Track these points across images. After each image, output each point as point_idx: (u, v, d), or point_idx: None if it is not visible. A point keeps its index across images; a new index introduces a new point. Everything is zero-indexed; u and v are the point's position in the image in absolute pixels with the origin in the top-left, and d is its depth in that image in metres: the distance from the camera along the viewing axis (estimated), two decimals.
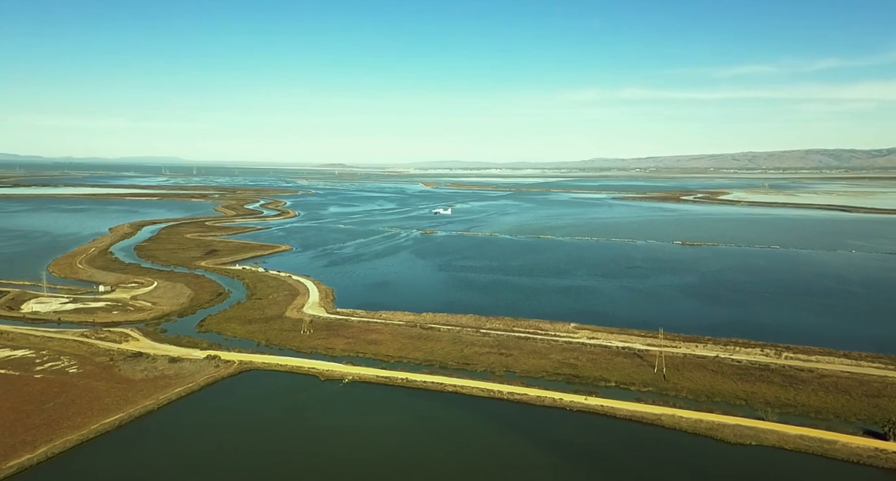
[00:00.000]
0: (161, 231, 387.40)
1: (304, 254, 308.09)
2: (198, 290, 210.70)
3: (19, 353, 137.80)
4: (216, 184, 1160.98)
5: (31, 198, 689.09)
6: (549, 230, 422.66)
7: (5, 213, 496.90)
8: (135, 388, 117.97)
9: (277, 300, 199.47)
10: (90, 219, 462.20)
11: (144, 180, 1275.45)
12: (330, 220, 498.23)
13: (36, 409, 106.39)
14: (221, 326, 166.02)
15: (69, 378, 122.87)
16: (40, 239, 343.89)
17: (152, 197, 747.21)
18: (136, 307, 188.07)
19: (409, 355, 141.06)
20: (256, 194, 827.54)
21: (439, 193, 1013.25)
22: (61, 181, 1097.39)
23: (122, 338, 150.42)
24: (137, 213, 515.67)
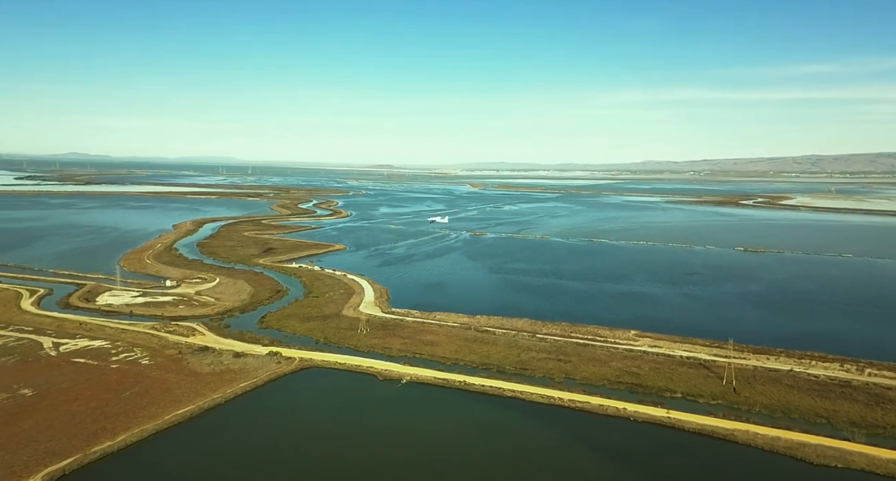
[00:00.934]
0: (221, 228, 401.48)
1: (358, 254, 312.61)
2: (257, 287, 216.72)
3: (96, 344, 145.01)
4: (270, 183, 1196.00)
5: (102, 195, 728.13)
6: (601, 233, 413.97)
7: (80, 209, 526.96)
8: (203, 381, 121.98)
9: (334, 298, 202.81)
10: (155, 216, 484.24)
11: (203, 179, 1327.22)
12: (381, 220, 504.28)
13: (114, 398, 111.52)
14: (281, 323, 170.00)
15: (142, 369, 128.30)
16: (111, 234, 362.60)
17: (211, 195, 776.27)
18: (200, 302, 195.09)
19: (466, 358, 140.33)
20: (309, 194, 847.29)
21: (487, 195, 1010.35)
22: (128, 179, 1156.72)
23: (189, 332, 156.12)
24: (198, 211, 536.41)
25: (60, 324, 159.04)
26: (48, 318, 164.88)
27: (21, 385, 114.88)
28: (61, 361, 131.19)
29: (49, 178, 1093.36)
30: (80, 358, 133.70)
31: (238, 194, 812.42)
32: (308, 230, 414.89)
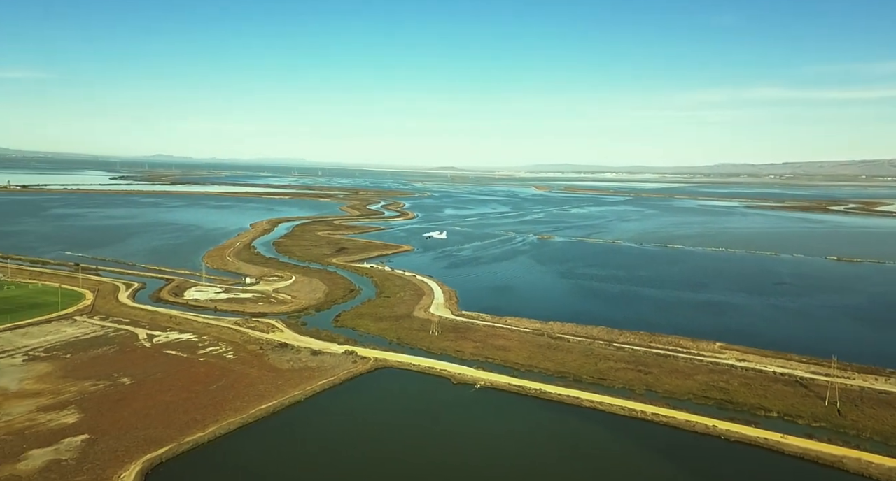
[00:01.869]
0: (295, 228, 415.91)
1: (426, 255, 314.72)
2: (331, 286, 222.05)
3: (185, 337, 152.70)
4: (340, 185, 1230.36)
5: (185, 194, 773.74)
6: (677, 239, 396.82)
7: (167, 208, 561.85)
8: (283, 377, 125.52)
9: (405, 299, 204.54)
10: (234, 215, 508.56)
11: (276, 180, 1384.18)
12: (447, 222, 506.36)
13: (203, 390, 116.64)
14: (355, 322, 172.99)
15: (227, 363, 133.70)
16: (195, 232, 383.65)
17: (285, 196, 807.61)
18: (278, 299, 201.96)
19: (540, 365, 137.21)
20: (377, 195, 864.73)
21: (553, 197, 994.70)
22: (208, 180, 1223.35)
23: (269, 329, 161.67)
24: (273, 211, 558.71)
25: (153, 317, 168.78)
26: (142, 311, 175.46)
27: (121, 373, 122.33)
28: (154, 352, 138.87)
29: (139, 179, 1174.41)
30: (171, 350, 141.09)
31: (310, 195, 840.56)
32: (377, 231, 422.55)
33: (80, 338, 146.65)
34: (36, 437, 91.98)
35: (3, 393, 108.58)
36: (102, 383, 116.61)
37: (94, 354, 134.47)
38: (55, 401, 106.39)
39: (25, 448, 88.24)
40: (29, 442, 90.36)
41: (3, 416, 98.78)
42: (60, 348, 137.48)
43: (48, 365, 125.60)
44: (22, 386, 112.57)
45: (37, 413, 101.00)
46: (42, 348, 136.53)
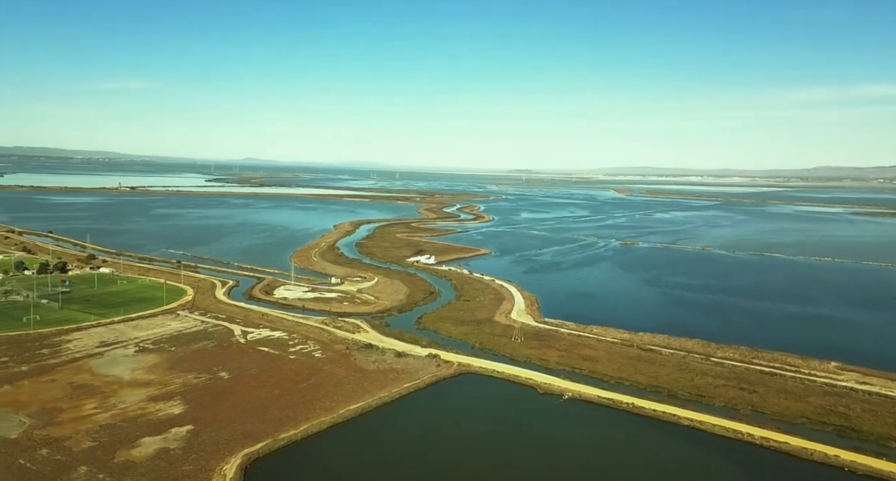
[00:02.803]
0: (375, 230, 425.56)
1: (503, 259, 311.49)
2: (412, 288, 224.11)
3: (276, 334, 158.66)
4: (416, 187, 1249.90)
5: (273, 196, 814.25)
6: (774, 247, 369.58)
7: (256, 209, 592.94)
8: (369, 378, 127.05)
9: (484, 303, 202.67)
10: (318, 217, 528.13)
11: (356, 183, 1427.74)
12: (523, 226, 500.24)
13: (294, 388, 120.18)
14: (437, 325, 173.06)
15: (315, 362, 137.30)
16: (282, 232, 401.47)
17: (364, 198, 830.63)
18: (361, 300, 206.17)
19: (630, 377, 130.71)
20: (452, 198, 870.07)
21: (634, 201, 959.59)
22: (293, 182, 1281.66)
23: (354, 329, 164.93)
24: (354, 213, 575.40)
25: (247, 314, 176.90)
26: (237, 308, 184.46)
27: (219, 368, 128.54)
28: (249, 348, 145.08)
29: (230, 181, 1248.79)
30: (263, 347, 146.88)
31: (388, 197, 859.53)
32: (454, 233, 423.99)
33: (183, 332, 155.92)
34: (147, 425, 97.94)
35: (119, 382, 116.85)
36: (203, 376, 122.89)
37: (195, 348, 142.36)
38: (163, 392, 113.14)
39: (138, 435, 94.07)
40: (141, 429, 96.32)
41: (119, 403, 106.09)
42: (166, 341, 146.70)
43: (156, 356, 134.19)
44: (134, 376, 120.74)
45: (147, 402, 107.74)
46: (150, 340, 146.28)
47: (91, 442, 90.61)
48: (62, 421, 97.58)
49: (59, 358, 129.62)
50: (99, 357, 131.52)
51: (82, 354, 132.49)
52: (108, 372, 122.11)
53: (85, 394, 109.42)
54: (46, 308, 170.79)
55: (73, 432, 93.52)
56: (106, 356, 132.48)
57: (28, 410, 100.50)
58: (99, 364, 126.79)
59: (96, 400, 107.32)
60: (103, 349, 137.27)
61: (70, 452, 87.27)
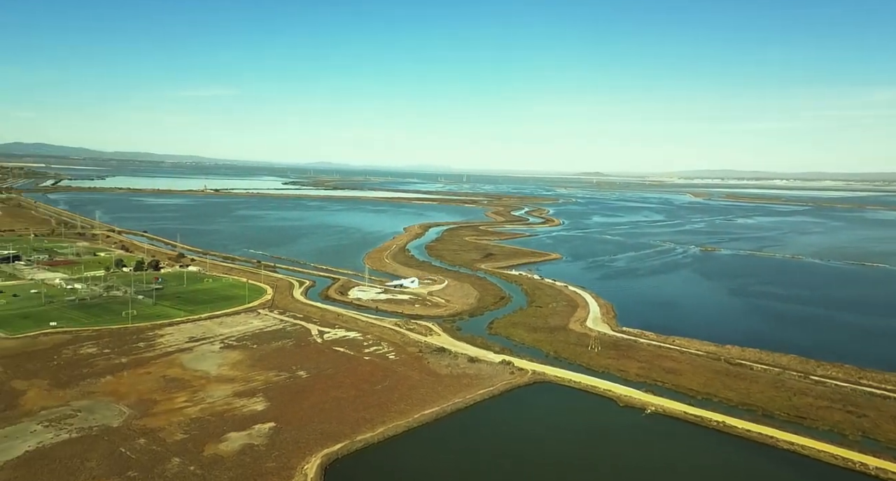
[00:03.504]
0: (444, 233, 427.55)
1: (575, 264, 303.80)
2: (482, 292, 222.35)
3: (351, 335, 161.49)
4: (483, 191, 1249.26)
5: (346, 199, 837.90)
6: (877, 256, 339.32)
7: (330, 211, 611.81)
8: (443, 383, 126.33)
9: (557, 310, 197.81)
10: (389, 219, 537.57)
11: (425, 186, 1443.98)
12: (595, 230, 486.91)
13: (369, 389, 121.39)
14: (509, 331, 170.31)
15: (390, 364, 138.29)
16: (355, 234, 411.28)
17: (433, 201, 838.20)
18: (432, 302, 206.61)
19: (719, 393, 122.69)
20: (520, 201, 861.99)
21: (713, 206, 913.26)
22: (365, 185, 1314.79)
23: (426, 332, 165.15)
24: (423, 216, 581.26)
25: (323, 314, 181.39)
26: (313, 308, 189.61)
27: (298, 367, 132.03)
28: (325, 348, 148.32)
29: (305, 184, 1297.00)
30: (339, 347, 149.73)
31: (456, 201, 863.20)
32: (523, 237, 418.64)
33: (264, 330, 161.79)
34: (233, 421, 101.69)
35: (206, 377, 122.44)
36: (283, 375, 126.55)
37: (275, 346, 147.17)
38: (246, 388, 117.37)
39: (225, 430, 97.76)
40: (227, 424, 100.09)
41: (207, 398, 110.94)
42: (248, 338, 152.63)
43: (239, 353, 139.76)
44: (220, 372, 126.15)
45: (232, 398, 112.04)
46: (234, 337, 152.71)
47: (182, 435, 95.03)
48: (157, 412, 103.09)
49: (153, 351, 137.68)
50: (188, 352, 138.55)
51: (174, 349, 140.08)
52: (196, 367, 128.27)
53: (176, 388, 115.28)
54: (142, 303, 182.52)
55: (167, 424, 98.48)
56: (195, 351, 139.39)
57: (127, 401, 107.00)
58: (189, 359, 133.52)
59: (186, 393, 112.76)
60: (192, 344, 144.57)
61: (164, 443, 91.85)
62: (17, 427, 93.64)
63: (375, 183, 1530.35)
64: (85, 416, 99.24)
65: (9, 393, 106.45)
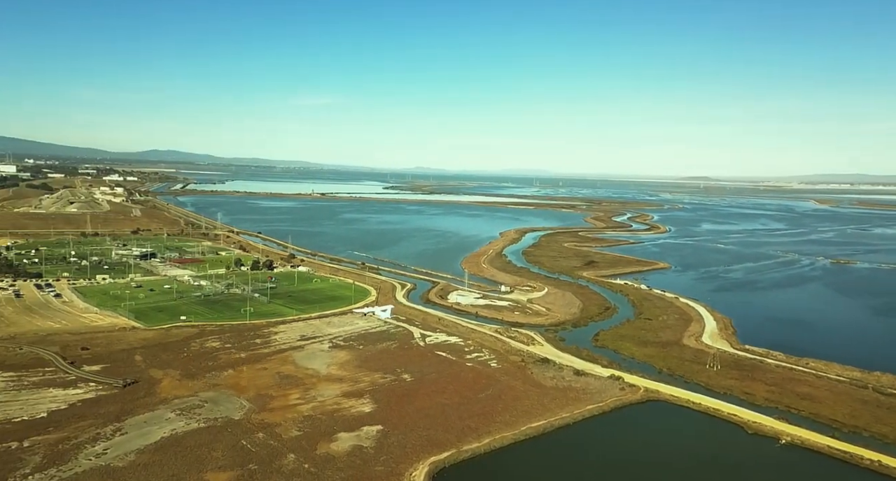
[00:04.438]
0: (541, 238, 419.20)
1: (686, 275, 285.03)
2: (585, 301, 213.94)
3: (452, 340, 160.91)
4: (581, 195, 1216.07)
5: (442, 203, 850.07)
6: None
7: (427, 215, 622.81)
8: (548, 395, 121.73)
9: (669, 323, 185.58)
10: (484, 224, 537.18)
11: (520, 190, 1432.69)
12: (705, 238, 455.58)
13: (473, 397, 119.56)
14: (616, 344, 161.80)
15: (492, 371, 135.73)
16: (452, 238, 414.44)
17: (528, 206, 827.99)
18: (533, 310, 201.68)
19: (870, 427, 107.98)
20: (621, 207, 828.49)
21: (842, 213, 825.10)
22: (460, 190, 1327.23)
23: (529, 341, 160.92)
24: (519, 221, 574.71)
25: (424, 317, 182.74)
26: (415, 311, 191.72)
27: (402, 370, 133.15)
28: (428, 352, 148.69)
29: (404, 189, 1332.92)
30: (441, 351, 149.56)
31: (552, 205, 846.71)
32: (626, 244, 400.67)
33: (369, 331, 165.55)
34: (343, 421, 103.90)
35: (317, 376, 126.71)
36: (389, 377, 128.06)
37: (380, 348, 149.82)
38: (354, 389, 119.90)
39: (335, 430, 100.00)
40: (338, 424, 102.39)
41: (318, 397, 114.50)
42: (355, 339, 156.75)
43: (347, 353, 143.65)
44: (329, 371, 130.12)
45: (341, 397, 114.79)
46: (341, 337, 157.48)
47: (297, 432, 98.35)
48: (273, 408, 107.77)
49: (269, 348, 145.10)
50: (300, 350, 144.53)
51: (287, 346, 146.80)
52: (308, 365, 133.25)
53: (290, 385, 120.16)
54: (258, 301, 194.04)
55: (283, 420, 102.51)
56: (306, 349, 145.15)
57: (247, 395, 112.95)
58: (300, 357, 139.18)
59: (299, 391, 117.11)
60: (303, 343, 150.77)
61: (280, 439, 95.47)
62: (155, 413, 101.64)
63: (470, 187, 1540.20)
64: (211, 407, 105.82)
65: (148, 381, 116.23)
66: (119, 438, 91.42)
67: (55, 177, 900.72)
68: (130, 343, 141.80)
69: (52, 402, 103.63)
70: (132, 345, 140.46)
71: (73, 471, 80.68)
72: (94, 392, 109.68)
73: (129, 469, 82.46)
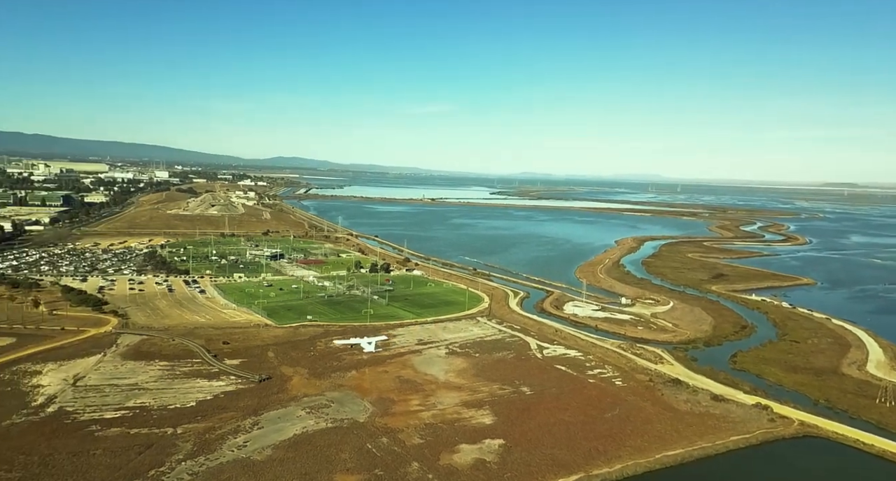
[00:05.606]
0: (662, 248, 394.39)
1: (836, 293, 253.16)
2: (717, 318, 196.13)
3: (571, 353, 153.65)
4: (702, 202, 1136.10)
5: (551, 209, 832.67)
6: None
7: (537, 221, 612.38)
8: (683, 421, 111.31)
9: (821, 348, 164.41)
10: (597, 231, 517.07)
11: (634, 196, 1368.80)
12: (856, 252, 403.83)
13: (598, 416, 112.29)
14: (759, 368, 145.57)
15: (617, 390, 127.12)
16: (564, 246, 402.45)
17: (644, 213, 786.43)
18: (658, 326, 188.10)
19: None
20: (749, 215, 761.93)
21: None
22: (569, 195, 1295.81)
23: (656, 359, 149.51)
24: (635, 228, 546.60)
25: (540, 328, 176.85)
26: (530, 320, 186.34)
27: (521, 382, 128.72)
28: (546, 365, 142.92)
29: (511, 194, 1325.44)
30: (560, 365, 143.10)
31: (670, 213, 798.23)
32: (759, 257, 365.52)
33: (484, 338, 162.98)
34: (464, 432, 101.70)
35: (435, 382, 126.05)
36: (507, 389, 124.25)
37: (497, 357, 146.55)
38: (473, 399, 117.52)
39: (457, 440, 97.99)
40: (459, 434, 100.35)
41: (438, 404, 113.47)
42: (470, 346, 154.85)
43: (463, 361, 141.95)
44: (447, 378, 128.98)
45: (461, 407, 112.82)
46: (457, 344, 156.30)
47: (419, 440, 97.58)
48: (395, 412, 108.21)
49: (388, 350, 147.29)
50: (418, 354, 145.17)
51: (405, 350, 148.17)
52: (426, 370, 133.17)
53: (410, 390, 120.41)
54: (377, 303, 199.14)
55: (405, 426, 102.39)
56: (423, 354, 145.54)
57: (370, 397, 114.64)
58: (419, 361, 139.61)
59: (419, 397, 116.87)
60: (421, 347, 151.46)
61: (404, 445, 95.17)
62: (287, 410, 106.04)
63: (580, 193, 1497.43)
64: (337, 408, 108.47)
65: (280, 378, 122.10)
66: (257, 432, 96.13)
67: (198, 181, 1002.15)
68: (264, 339, 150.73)
69: (199, 393, 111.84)
70: (265, 341, 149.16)
71: (219, 461, 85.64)
72: (234, 385, 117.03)
73: (266, 463, 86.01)
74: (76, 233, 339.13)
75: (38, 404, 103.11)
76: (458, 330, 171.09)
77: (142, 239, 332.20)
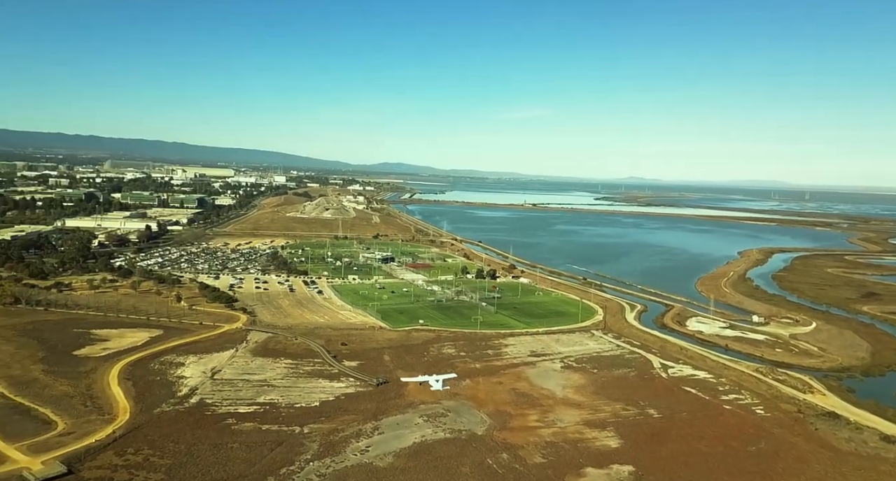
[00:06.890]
0: (794, 261, 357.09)
1: None
2: (875, 344, 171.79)
3: (700, 374, 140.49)
4: (837, 211, 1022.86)
5: (662, 216, 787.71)
6: None
7: (646, 229, 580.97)
8: (847, 463, 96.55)
9: None
10: (715, 241, 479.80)
11: (754, 204, 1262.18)
12: None
13: (741, 449, 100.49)
14: None
15: (759, 420, 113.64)
16: (680, 256, 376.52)
17: (768, 222, 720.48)
18: (800, 349, 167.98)
19: None
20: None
21: None
22: (681, 202, 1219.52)
23: (805, 388, 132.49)
24: (759, 239, 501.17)
25: (663, 345, 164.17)
26: (650, 336, 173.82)
27: (646, 403, 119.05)
28: (673, 386, 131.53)
29: (617, 200, 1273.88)
30: (688, 386, 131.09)
31: (800, 222, 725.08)
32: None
33: (601, 353, 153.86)
34: (588, 454, 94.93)
35: (552, 397, 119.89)
36: (632, 409, 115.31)
37: (616, 374, 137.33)
38: (595, 418, 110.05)
39: (582, 463, 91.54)
40: (583, 456, 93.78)
41: (557, 421, 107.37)
42: (587, 361, 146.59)
43: (581, 376, 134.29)
44: (565, 394, 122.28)
45: (582, 426, 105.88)
46: (573, 358, 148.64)
47: (541, 459, 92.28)
48: (513, 427, 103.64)
49: (501, 361, 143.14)
50: (532, 366, 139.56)
51: (518, 361, 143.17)
52: (542, 384, 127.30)
53: (527, 404, 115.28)
54: (485, 310, 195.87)
55: (525, 442, 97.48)
56: (538, 367, 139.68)
57: (486, 409, 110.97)
58: (533, 374, 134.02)
59: (537, 412, 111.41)
60: (534, 359, 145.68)
61: (525, 463, 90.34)
62: (405, 416, 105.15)
63: (692, 199, 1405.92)
64: (454, 418, 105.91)
65: (396, 382, 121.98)
66: (378, 437, 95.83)
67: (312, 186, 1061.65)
68: (379, 342, 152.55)
69: (322, 393, 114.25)
70: (380, 344, 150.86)
71: (344, 465, 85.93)
72: (353, 387, 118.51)
73: (388, 470, 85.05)
74: (209, 233, 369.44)
75: (182, 394, 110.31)
76: (571, 343, 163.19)
77: (264, 240, 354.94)
